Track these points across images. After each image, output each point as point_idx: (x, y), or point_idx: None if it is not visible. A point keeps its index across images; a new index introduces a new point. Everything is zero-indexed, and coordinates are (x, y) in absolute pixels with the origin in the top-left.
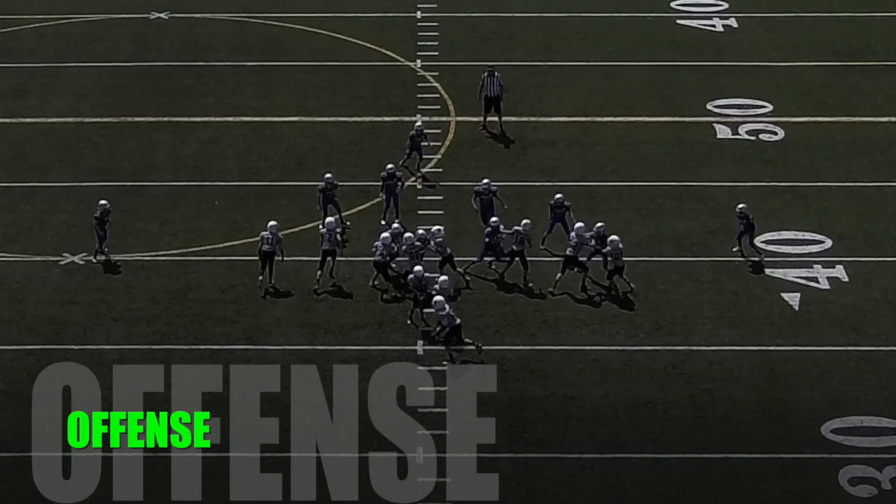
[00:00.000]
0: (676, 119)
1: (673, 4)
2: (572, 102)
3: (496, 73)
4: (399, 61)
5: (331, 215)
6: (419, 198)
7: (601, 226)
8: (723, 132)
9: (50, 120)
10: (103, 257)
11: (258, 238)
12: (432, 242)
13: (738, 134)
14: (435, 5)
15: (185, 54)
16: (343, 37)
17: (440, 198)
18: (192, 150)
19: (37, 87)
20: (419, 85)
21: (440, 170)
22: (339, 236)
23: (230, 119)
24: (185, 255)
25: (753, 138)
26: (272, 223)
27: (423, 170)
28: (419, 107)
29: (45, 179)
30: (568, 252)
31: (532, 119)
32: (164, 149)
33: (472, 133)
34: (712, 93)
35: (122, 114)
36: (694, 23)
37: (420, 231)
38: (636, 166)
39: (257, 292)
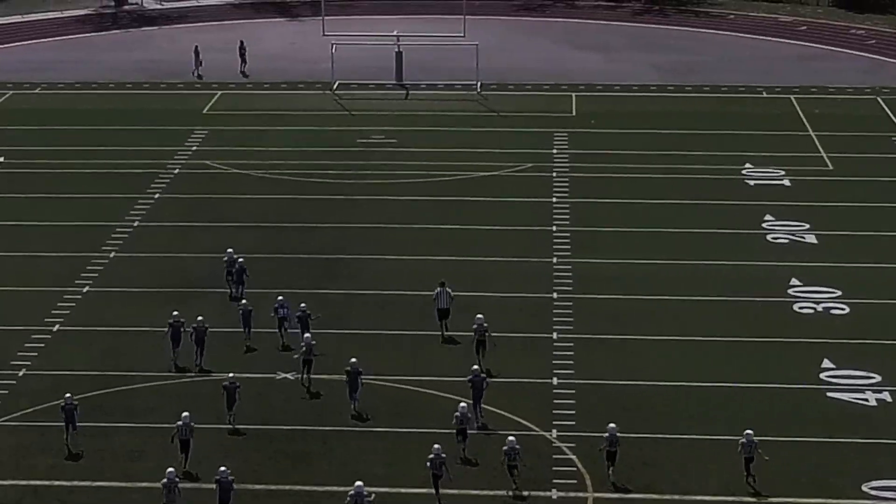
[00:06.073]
0: (829, 501)
1: (822, 376)
2: (716, 478)
3: None
4: (534, 431)
5: None
6: None
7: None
8: None
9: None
10: None
11: None
12: None
13: None
14: (572, 371)
15: (309, 417)
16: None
17: None
18: None
19: (154, 448)
20: (554, 457)
21: None
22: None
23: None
24: None
25: None
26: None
27: None
28: (554, 480)
29: None
30: None
31: (675, 497)
32: None
33: None
34: (869, 473)
35: (242, 479)
36: (845, 396)
37: None
38: None
39: None
